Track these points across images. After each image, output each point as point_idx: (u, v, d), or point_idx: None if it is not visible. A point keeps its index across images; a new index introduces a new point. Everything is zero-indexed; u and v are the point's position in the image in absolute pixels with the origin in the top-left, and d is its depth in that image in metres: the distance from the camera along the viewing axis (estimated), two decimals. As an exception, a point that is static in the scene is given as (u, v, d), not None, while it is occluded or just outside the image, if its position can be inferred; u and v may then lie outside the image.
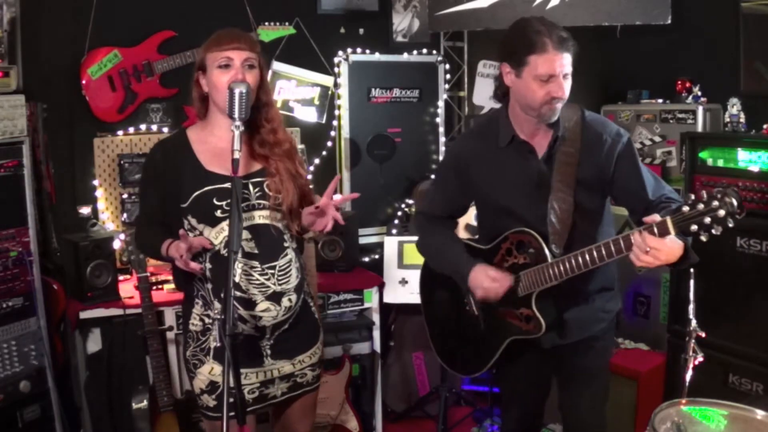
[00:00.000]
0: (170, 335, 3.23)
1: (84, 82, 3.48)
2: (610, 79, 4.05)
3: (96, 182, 3.58)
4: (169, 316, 3.20)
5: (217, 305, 2.13)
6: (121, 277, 3.32)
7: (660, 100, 3.55)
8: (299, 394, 2.30)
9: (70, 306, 3.16)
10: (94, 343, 3.26)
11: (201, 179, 2.10)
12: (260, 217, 2.15)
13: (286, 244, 2.19)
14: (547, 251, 2.14)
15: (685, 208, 1.81)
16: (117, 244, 3.28)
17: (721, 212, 1.76)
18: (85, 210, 3.30)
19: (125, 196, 3.61)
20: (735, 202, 1.75)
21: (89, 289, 3.12)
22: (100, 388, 3.19)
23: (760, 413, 2.06)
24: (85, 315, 3.13)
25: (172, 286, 3.30)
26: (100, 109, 3.54)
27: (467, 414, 3.87)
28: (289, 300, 2.18)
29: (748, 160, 2.90)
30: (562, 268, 2.09)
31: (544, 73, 2.03)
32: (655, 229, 1.86)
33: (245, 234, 2.11)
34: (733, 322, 2.87)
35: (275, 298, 2.14)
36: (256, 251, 2.12)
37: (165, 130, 3.69)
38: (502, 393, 2.62)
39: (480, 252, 2.36)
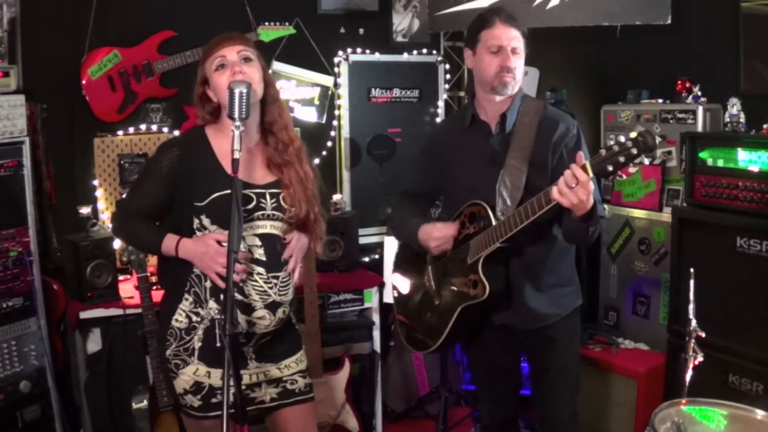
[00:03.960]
0: (170, 335, 3.22)
1: (84, 82, 3.48)
2: (610, 79, 4.04)
3: (96, 182, 3.58)
4: (169, 316, 3.20)
5: (212, 305, 2.12)
6: (121, 277, 3.32)
7: (660, 100, 3.54)
8: (292, 402, 2.28)
9: (70, 306, 3.16)
10: (94, 343, 3.26)
11: (222, 181, 2.08)
12: (272, 227, 2.16)
13: None
14: (492, 217, 2.28)
15: (602, 151, 1.95)
16: (117, 244, 3.27)
17: (634, 150, 1.88)
18: (85, 210, 3.29)
19: (125, 196, 3.61)
20: (648, 141, 1.86)
21: (89, 289, 3.12)
22: (100, 388, 3.19)
23: (760, 413, 2.06)
24: (85, 315, 3.13)
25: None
26: (100, 109, 3.54)
27: (467, 414, 3.87)
28: (283, 312, 2.19)
29: (748, 160, 2.90)
30: (502, 228, 2.22)
31: (494, 44, 2.29)
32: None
33: (256, 240, 2.12)
34: (733, 322, 2.86)
35: (273, 307, 2.15)
36: (264, 258, 2.13)
37: (165, 130, 3.69)
38: (476, 388, 2.77)
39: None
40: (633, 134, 1.90)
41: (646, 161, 1.94)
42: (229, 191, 2.02)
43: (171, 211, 2.18)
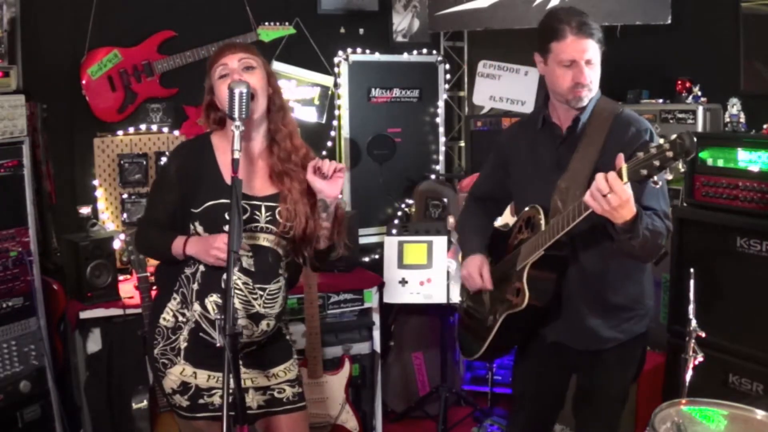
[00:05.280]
0: (170, 335, 3.23)
1: (84, 82, 3.48)
2: (610, 79, 4.01)
3: (96, 182, 3.58)
4: (169, 316, 3.20)
5: (197, 308, 2.11)
6: (121, 277, 3.32)
7: (660, 100, 3.54)
8: (281, 411, 2.26)
9: (70, 306, 3.16)
10: (94, 343, 3.26)
11: (219, 190, 2.09)
12: (264, 239, 2.15)
13: (280, 272, 2.20)
14: (543, 222, 2.15)
15: (639, 154, 1.80)
16: (117, 244, 3.27)
17: (670, 153, 1.72)
18: (85, 210, 3.29)
19: (125, 196, 3.61)
20: (686, 143, 1.69)
21: (89, 289, 3.12)
22: (100, 388, 3.19)
23: (760, 413, 2.06)
24: (85, 315, 3.13)
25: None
26: (100, 109, 3.54)
27: (467, 414, 3.87)
28: (267, 325, 2.17)
29: (748, 160, 2.90)
30: (547, 235, 2.10)
31: (565, 59, 2.12)
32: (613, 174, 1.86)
33: (247, 250, 2.10)
34: (733, 322, 2.86)
35: (256, 318, 2.13)
36: (252, 269, 2.12)
37: (165, 130, 3.69)
38: (513, 395, 2.61)
39: (500, 234, 2.45)
40: (673, 135, 1.72)
41: (682, 168, 1.71)
42: (223, 201, 2.04)
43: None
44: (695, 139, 1.71)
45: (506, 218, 2.72)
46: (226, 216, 2.01)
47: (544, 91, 2.33)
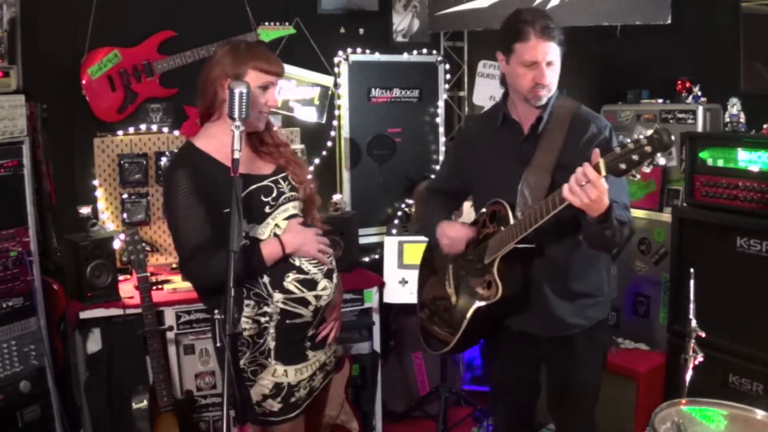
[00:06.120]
0: (170, 335, 3.23)
1: (84, 82, 3.48)
2: (610, 79, 4.04)
3: (96, 182, 3.58)
4: (169, 316, 3.20)
5: (278, 297, 2.16)
6: (121, 277, 3.32)
7: (660, 100, 3.54)
8: (329, 380, 2.40)
9: (70, 306, 3.16)
10: (94, 343, 3.26)
11: (241, 182, 2.09)
12: (293, 207, 2.26)
13: None
14: (511, 216, 2.22)
15: (616, 149, 1.87)
16: (117, 244, 3.27)
17: (648, 148, 1.80)
18: (85, 210, 3.29)
19: (125, 196, 3.62)
20: (664, 139, 1.77)
21: (89, 289, 3.12)
22: (100, 388, 3.19)
23: (760, 413, 2.06)
24: (85, 315, 3.13)
25: (172, 286, 3.30)
26: (100, 109, 3.54)
27: (467, 414, 3.87)
28: (335, 277, 2.29)
29: (748, 160, 2.90)
30: (517, 228, 2.16)
31: (528, 59, 2.20)
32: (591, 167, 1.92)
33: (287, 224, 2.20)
34: (733, 322, 2.86)
35: (329, 275, 2.26)
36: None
37: (165, 130, 3.69)
38: (491, 393, 2.70)
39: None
40: (649, 131, 1.81)
41: (662, 161, 1.80)
42: (253, 187, 2.15)
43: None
44: (672, 136, 1.80)
45: (469, 215, 2.77)
46: (263, 198, 2.16)
47: (505, 89, 2.41)
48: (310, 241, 2.20)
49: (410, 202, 4.30)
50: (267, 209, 2.18)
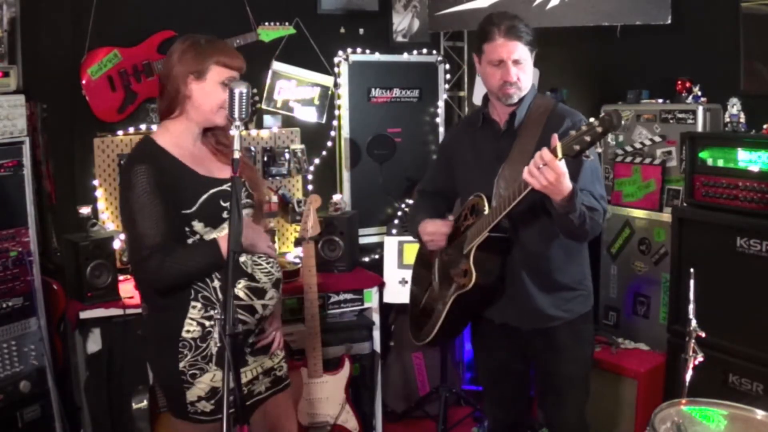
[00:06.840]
0: (170, 335, 3.22)
1: (84, 82, 3.48)
2: (610, 79, 4.04)
3: (96, 182, 3.58)
4: (169, 316, 3.20)
5: None
6: (121, 277, 3.32)
7: (660, 100, 3.54)
8: (281, 388, 2.36)
9: (70, 306, 3.16)
10: (94, 343, 3.26)
11: (202, 184, 2.12)
12: (246, 215, 2.24)
13: None
14: (486, 207, 2.29)
15: (572, 132, 1.95)
16: (117, 244, 3.27)
17: (599, 129, 1.88)
18: (85, 210, 3.29)
19: (125, 196, 3.61)
20: (614, 120, 1.86)
21: (89, 289, 3.12)
22: (100, 388, 3.19)
23: (760, 413, 2.06)
24: (85, 315, 3.13)
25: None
26: (100, 109, 3.54)
27: (467, 414, 3.87)
28: (280, 289, 2.29)
29: (748, 160, 2.90)
30: (490, 217, 2.23)
31: (494, 58, 2.30)
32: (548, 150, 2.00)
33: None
34: (733, 322, 2.86)
35: (277, 285, 2.25)
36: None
37: (165, 130, 3.68)
38: (483, 392, 2.76)
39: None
40: (601, 114, 1.90)
41: (612, 141, 1.91)
42: (213, 191, 2.12)
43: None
44: (621, 118, 1.92)
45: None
46: (222, 203, 2.13)
47: (485, 92, 2.50)
48: (264, 237, 2.24)
49: (410, 202, 4.30)
50: (224, 214, 2.13)
